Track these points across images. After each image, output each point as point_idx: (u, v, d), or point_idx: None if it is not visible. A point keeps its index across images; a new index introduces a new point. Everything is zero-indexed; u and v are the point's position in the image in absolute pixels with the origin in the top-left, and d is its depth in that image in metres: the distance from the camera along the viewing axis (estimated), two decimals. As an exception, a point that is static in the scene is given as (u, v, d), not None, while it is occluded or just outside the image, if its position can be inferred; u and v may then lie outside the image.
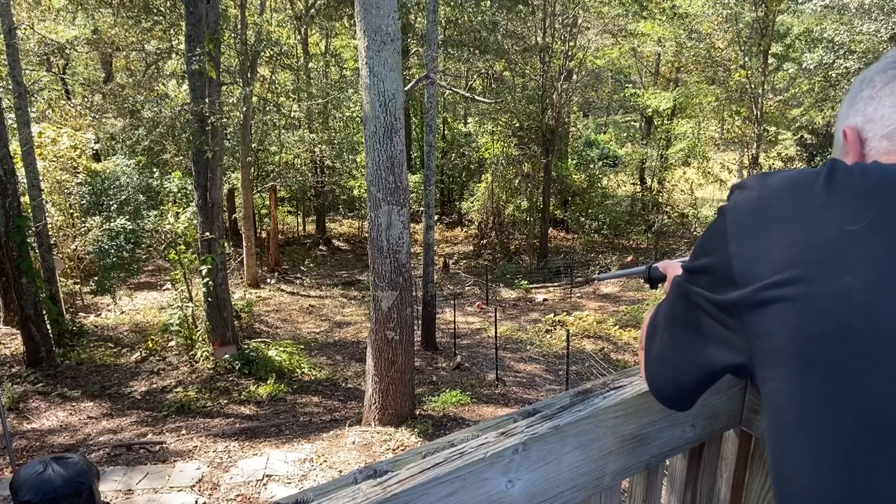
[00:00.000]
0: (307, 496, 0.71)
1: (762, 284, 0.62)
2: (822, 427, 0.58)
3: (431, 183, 12.00)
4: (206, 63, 9.01)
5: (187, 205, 11.99)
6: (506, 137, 22.09)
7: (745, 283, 0.64)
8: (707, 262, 0.71)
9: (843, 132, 0.76)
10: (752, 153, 18.77)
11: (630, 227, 23.93)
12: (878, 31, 14.67)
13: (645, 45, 22.31)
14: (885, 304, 0.56)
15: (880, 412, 0.55)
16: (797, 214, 0.62)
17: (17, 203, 9.21)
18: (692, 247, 0.79)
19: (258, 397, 8.89)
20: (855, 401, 0.56)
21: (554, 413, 0.89)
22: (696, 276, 0.73)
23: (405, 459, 0.78)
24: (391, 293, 6.98)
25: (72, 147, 13.86)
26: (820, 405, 0.58)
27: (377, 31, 6.25)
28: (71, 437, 7.38)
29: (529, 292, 17.68)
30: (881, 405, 0.55)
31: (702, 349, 0.73)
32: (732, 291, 0.66)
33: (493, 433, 0.83)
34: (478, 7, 18.07)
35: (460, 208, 26.26)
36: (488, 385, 9.89)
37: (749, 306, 0.64)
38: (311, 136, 19.96)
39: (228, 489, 5.87)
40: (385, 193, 6.68)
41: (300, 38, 21.58)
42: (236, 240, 20.03)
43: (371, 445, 6.80)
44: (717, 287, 0.69)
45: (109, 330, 12.29)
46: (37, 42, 14.33)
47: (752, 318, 0.64)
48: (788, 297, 0.60)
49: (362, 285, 17.87)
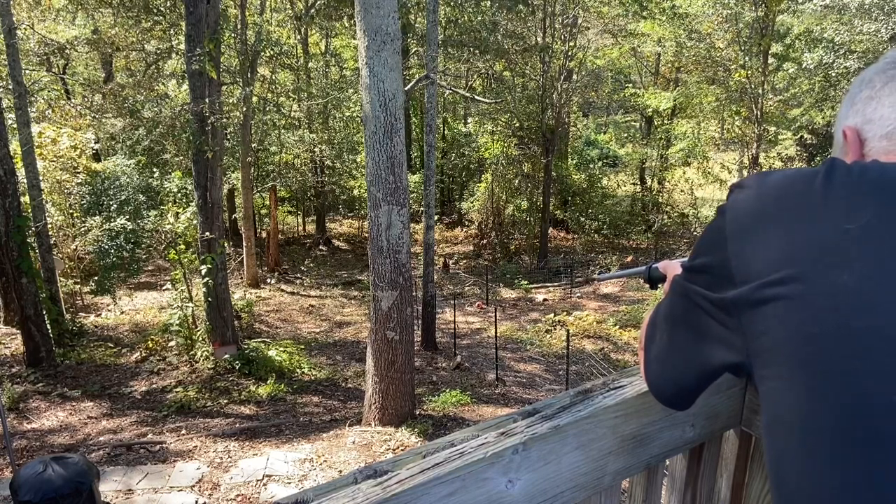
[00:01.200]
0: (307, 496, 0.71)
1: (760, 283, 0.62)
2: (818, 427, 0.58)
3: (431, 183, 12.00)
4: (206, 63, 9.00)
5: (187, 205, 11.98)
6: (506, 137, 22.09)
7: (744, 281, 0.64)
8: (706, 261, 0.71)
9: (842, 132, 0.76)
10: (752, 153, 18.77)
11: (630, 227, 23.92)
12: (878, 31, 14.67)
13: (645, 45, 22.31)
14: (885, 303, 0.56)
15: (876, 413, 0.55)
16: (795, 213, 0.62)
17: (17, 203, 9.21)
18: (692, 247, 0.79)
19: (258, 397, 8.89)
20: (851, 401, 0.56)
21: (554, 413, 0.89)
22: (695, 275, 0.73)
23: (405, 459, 0.78)
24: (391, 293, 6.98)
25: (72, 147, 13.86)
26: (816, 405, 0.58)
27: (377, 31, 6.25)
28: (71, 437, 7.38)
29: (529, 292, 17.68)
30: (878, 406, 0.55)
31: (701, 348, 0.73)
32: (731, 290, 0.66)
33: (493, 433, 0.83)
34: (478, 7, 18.07)
35: (460, 208, 26.26)
36: (488, 385, 9.89)
37: (747, 305, 0.64)
38: (311, 136, 19.96)
39: (228, 489, 5.87)
40: (385, 193, 6.68)
41: (300, 38, 21.57)
42: (236, 240, 20.03)
43: (371, 445, 6.80)
44: (715, 286, 0.69)
45: (109, 330, 12.29)
46: (37, 42, 14.33)
47: (750, 317, 0.64)
48: (786, 295, 0.60)
49: (362, 285, 17.87)
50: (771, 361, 0.62)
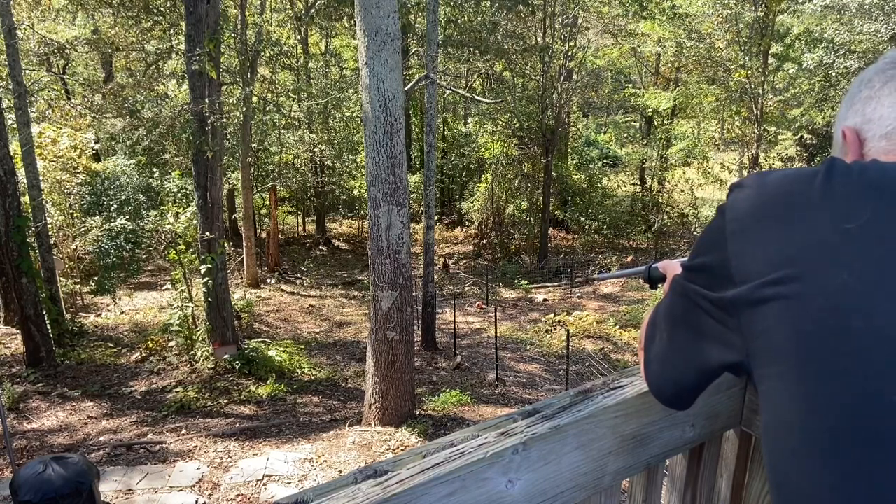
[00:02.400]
0: (307, 496, 0.71)
1: (759, 282, 0.62)
2: (817, 427, 0.58)
3: (431, 183, 12.00)
4: (206, 63, 9.00)
5: (187, 205, 11.98)
6: (506, 137, 22.08)
7: (743, 281, 0.64)
8: (706, 261, 0.71)
9: (842, 132, 0.76)
10: (752, 153, 18.77)
11: (630, 227, 23.91)
12: (878, 31, 14.67)
13: (645, 45, 22.31)
14: (883, 303, 0.55)
15: (876, 413, 0.55)
16: (795, 213, 0.62)
17: (17, 203, 9.21)
18: (692, 247, 0.79)
19: (258, 397, 8.89)
20: (850, 401, 0.56)
21: (554, 413, 0.89)
22: (695, 274, 0.73)
23: (405, 459, 0.78)
24: (391, 293, 6.98)
25: (72, 147, 13.86)
26: (815, 404, 0.58)
27: (377, 31, 6.25)
28: (71, 437, 7.38)
29: (529, 292, 17.68)
30: (877, 406, 0.55)
31: (700, 347, 0.73)
32: (730, 289, 0.66)
33: (493, 433, 0.83)
34: (478, 7, 18.07)
35: (460, 208, 26.25)
36: (488, 385, 9.89)
37: (746, 304, 0.64)
38: (311, 136, 19.95)
39: (228, 489, 5.87)
40: (385, 193, 6.68)
41: (300, 38, 21.57)
42: (236, 240, 20.02)
43: (371, 445, 6.80)
44: (715, 285, 0.69)
45: (109, 330, 12.28)
46: (37, 42, 14.33)
47: (750, 316, 0.64)
48: (785, 295, 0.60)
49: (362, 285, 17.87)
50: (770, 361, 0.62)
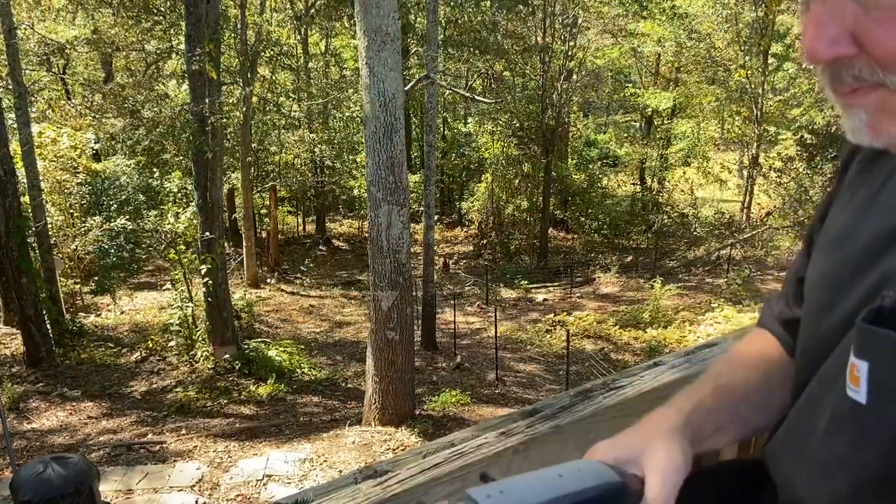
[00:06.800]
0: (307, 496, 0.71)
1: None
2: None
3: (431, 183, 12.00)
4: (206, 63, 9.00)
5: (187, 205, 11.98)
6: (506, 137, 22.08)
7: None
8: None
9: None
10: (752, 153, 18.79)
11: (630, 227, 23.90)
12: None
13: (645, 45, 22.31)
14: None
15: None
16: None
17: (17, 203, 9.20)
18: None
19: (258, 397, 8.88)
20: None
21: (554, 413, 0.89)
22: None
23: (405, 459, 0.78)
24: (391, 293, 6.98)
25: (72, 147, 13.86)
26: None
27: (377, 31, 6.25)
28: (71, 437, 7.38)
29: (529, 292, 17.68)
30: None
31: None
32: None
33: (493, 433, 0.83)
34: (478, 7, 18.08)
35: (460, 208, 26.25)
36: (488, 385, 9.89)
37: None
38: (311, 136, 19.94)
39: (228, 489, 5.87)
40: (385, 193, 6.68)
41: (300, 38, 21.56)
42: (236, 240, 20.00)
43: (371, 445, 6.80)
44: None
45: (109, 330, 12.27)
46: (37, 42, 14.34)
47: None
48: None
49: (362, 285, 17.85)
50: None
